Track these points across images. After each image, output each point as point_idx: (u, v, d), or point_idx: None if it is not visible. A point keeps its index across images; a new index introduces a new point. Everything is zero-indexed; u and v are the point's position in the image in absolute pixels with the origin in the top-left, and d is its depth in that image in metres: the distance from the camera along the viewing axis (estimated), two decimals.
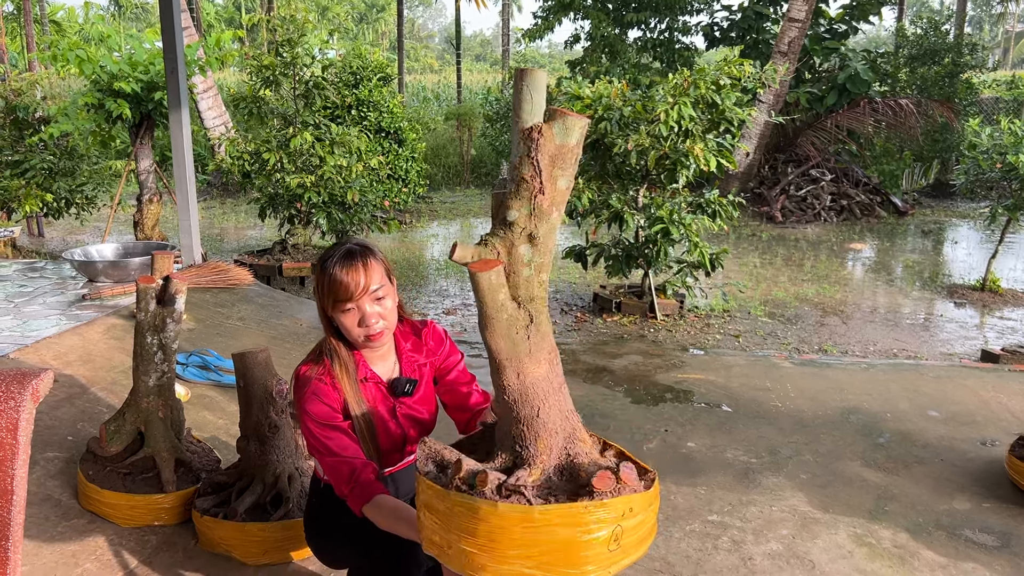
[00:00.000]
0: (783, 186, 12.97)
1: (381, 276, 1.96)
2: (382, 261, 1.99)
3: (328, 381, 1.98)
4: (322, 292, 1.95)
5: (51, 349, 3.73)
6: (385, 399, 2.07)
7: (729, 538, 2.92)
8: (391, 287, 2.00)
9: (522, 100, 1.37)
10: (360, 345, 2.01)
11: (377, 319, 1.94)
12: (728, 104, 5.99)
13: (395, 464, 2.14)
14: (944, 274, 8.75)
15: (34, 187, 8.17)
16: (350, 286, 1.90)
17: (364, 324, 1.94)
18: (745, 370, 4.89)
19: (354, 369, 2.02)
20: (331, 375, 1.99)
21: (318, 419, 1.95)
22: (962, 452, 3.66)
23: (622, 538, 1.38)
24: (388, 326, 1.98)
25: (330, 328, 2.00)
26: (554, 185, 1.35)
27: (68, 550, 2.63)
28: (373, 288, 1.93)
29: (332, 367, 2.00)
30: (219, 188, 14.99)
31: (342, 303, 1.92)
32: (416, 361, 2.14)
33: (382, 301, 1.95)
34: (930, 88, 15.09)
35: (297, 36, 7.40)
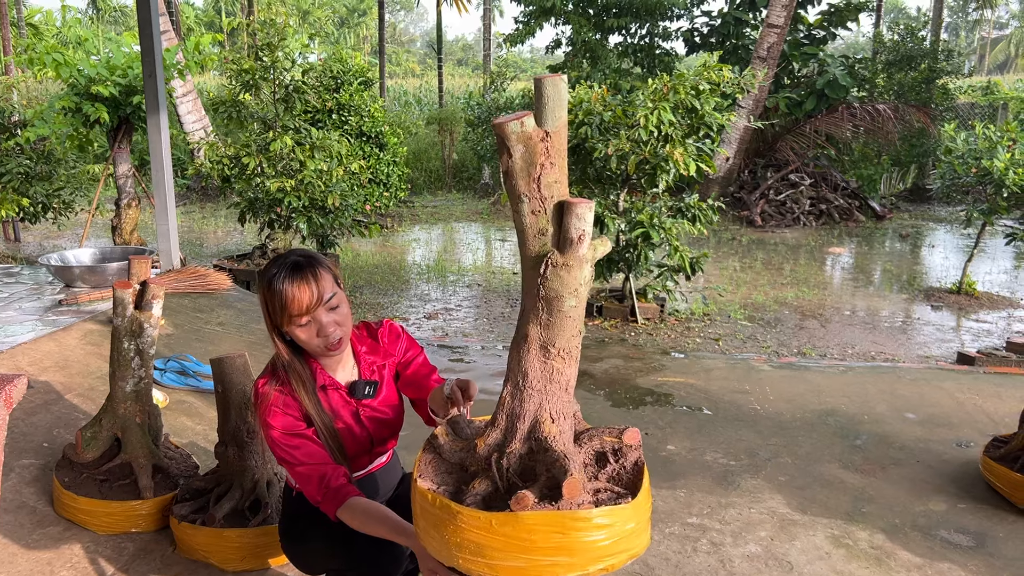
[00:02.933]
0: (763, 190, 13.07)
1: (331, 284, 1.93)
2: (329, 268, 1.96)
3: (288, 391, 1.97)
4: (272, 309, 1.90)
5: (27, 355, 3.69)
6: (347, 403, 2.06)
7: (708, 540, 2.93)
8: (342, 293, 1.97)
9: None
10: (318, 355, 1.99)
11: (334, 328, 1.92)
12: (707, 109, 6.03)
13: (364, 468, 2.14)
14: (921, 277, 8.85)
15: (10, 191, 8.08)
16: (303, 300, 1.86)
17: (323, 335, 1.91)
18: (725, 373, 4.92)
19: (311, 379, 2.00)
20: (289, 387, 1.97)
21: (282, 430, 1.94)
22: (938, 454, 3.70)
23: None
24: (345, 333, 1.97)
25: (282, 341, 1.97)
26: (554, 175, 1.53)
27: (43, 558, 2.60)
28: (327, 298, 1.90)
29: (289, 380, 1.98)
30: (198, 192, 14.90)
31: (297, 317, 1.88)
32: (374, 363, 2.13)
33: (337, 309, 1.93)
34: (907, 93, 15.27)
35: (277, 40, 7.37)
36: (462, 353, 5.48)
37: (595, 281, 6.64)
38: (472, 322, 6.80)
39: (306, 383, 1.99)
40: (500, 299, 7.65)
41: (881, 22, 18.99)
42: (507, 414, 1.52)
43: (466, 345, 5.82)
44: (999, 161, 6.92)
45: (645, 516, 1.51)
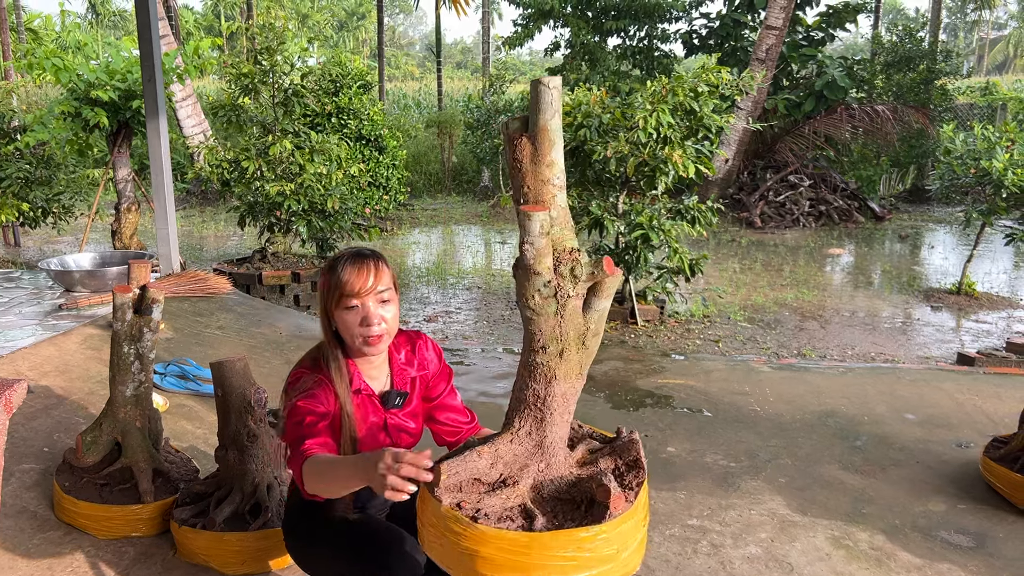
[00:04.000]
0: (762, 192, 13.08)
1: (389, 281, 1.97)
2: (391, 270, 2.00)
3: (326, 384, 1.97)
4: (328, 289, 1.94)
5: (27, 360, 3.69)
6: (376, 410, 2.07)
7: (708, 542, 2.94)
8: (396, 297, 2.00)
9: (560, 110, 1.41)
10: (356, 350, 2.00)
11: (380, 321, 1.93)
12: (706, 111, 6.04)
13: None
14: (921, 278, 8.85)
15: (10, 196, 8.08)
16: (356, 283, 1.91)
17: (366, 324, 1.93)
18: (724, 375, 4.92)
19: (348, 378, 2.01)
20: (328, 380, 1.98)
21: (305, 409, 1.92)
22: (938, 454, 3.70)
23: None
24: (388, 332, 1.97)
25: (329, 331, 1.99)
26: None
27: (43, 563, 2.60)
28: (380, 289, 1.93)
29: (329, 372, 1.98)
30: (198, 196, 14.91)
31: (348, 298, 1.91)
32: (408, 374, 2.14)
33: (386, 305, 1.96)
34: (906, 94, 15.28)
35: (276, 44, 7.38)
36: (462, 356, 5.49)
37: None
38: (472, 325, 6.81)
39: (344, 379, 1.99)
40: (500, 302, 7.65)
41: (879, 23, 19.02)
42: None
43: (466, 348, 5.83)
44: (998, 162, 6.93)
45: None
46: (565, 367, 1.48)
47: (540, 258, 1.43)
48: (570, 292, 1.44)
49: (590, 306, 1.49)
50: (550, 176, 1.40)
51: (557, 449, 1.53)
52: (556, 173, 1.41)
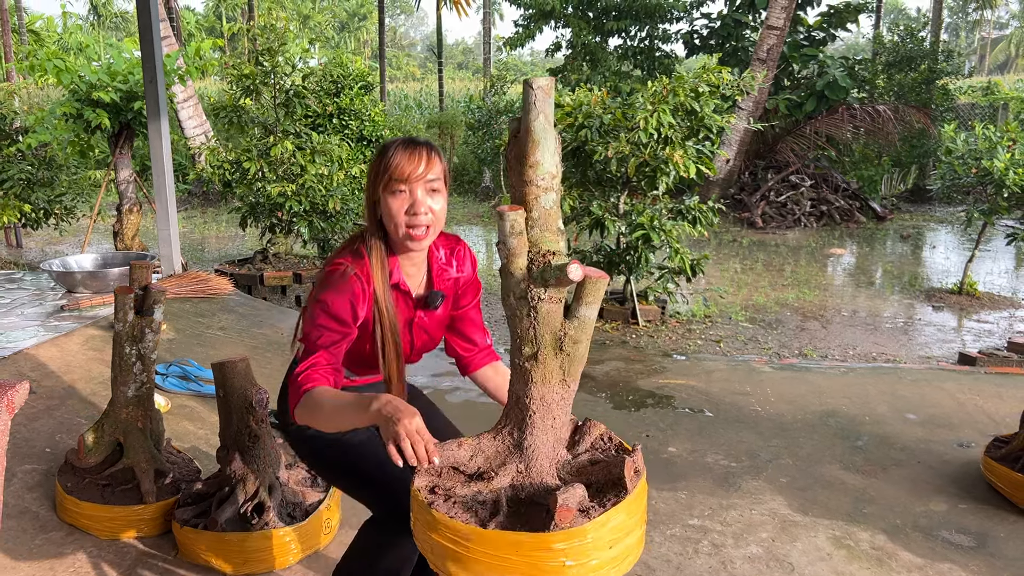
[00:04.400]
0: (763, 192, 13.08)
1: (440, 172, 1.89)
2: (444, 163, 1.92)
3: (363, 278, 1.90)
4: (376, 174, 1.88)
5: (29, 360, 3.70)
6: (406, 309, 2.02)
7: (709, 542, 2.94)
8: (445, 191, 1.92)
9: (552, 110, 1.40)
10: (399, 244, 1.93)
11: (427, 212, 1.86)
12: (707, 111, 6.04)
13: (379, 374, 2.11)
14: (922, 278, 8.85)
15: (12, 197, 8.09)
16: (407, 168, 1.84)
17: (412, 212, 1.86)
18: (726, 375, 4.92)
19: (386, 271, 1.94)
20: (367, 273, 1.91)
21: (331, 310, 1.86)
22: (939, 454, 3.70)
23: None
24: (433, 227, 1.90)
25: (373, 219, 1.93)
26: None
27: (46, 564, 2.61)
28: (431, 178, 1.86)
29: (370, 261, 1.92)
30: (200, 197, 14.92)
31: (397, 183, 1.84)
32: (447, 275, 2.08)
33: (435, 195, 1.88)
34: (907, 94, 15.28)
35: (277, 45, 7.39)
36: None
37: None
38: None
39: (384, 268, 1.93)
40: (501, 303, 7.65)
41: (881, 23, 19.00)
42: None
43: None
44: (999, 161, 6.93)
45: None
46: (542, 371, 1.47)
47: (512, 259, 1.44)
48: (540, 295, 1.44)
49: (571, 312, 1.46)
50: (533, 177, 1.40)
51: (540, 454, 1.52)
52: (540, 174, 1.40)
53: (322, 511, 2.78)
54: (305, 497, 2.82)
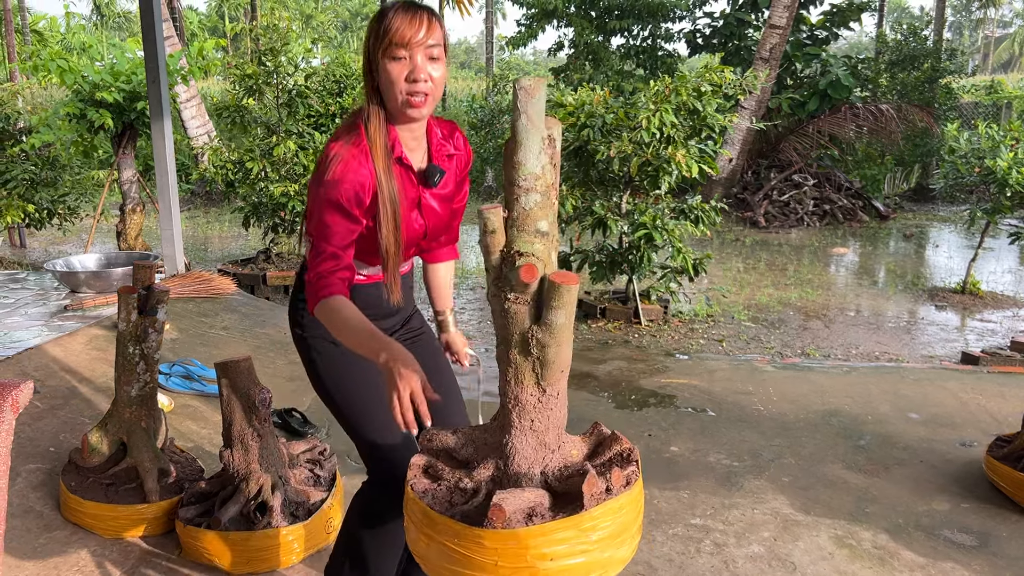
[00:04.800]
0: (766, 191, 13.07)
1: (440, 37, 1.84)
2: (444, 29, 1.88)
3: (363, 150, 1.86)
4: (375, 38, 1.81)
5: (33, 360, 3.71)
6: (412, 186, 1.98)
7: (711, 541, 2.94)
8: (445, 59, 1.88)
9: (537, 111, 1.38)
10: (398, 113, 1.88)
11: (426, 79, 1.82)
12: (709, 111, 6.04)
13: (408, 259, 2.11)
14: (925, 277, 8.84)
15: (16, 197, 8.12)
16: (407, 32, 1.78)
17: (411, 79, 1.81)
18: (728, 374, 4.92)
19: (387, 144, 1.89)
20: (365, 149, 1.87)
21: (335, 200, 1.82)
22: (941, 453, 3.70)
23: None
24: (433, 96, 1.86)
25: (371, 86, 1.88)
26: (558, 190, 1.41)
27: (50, 563, 2.62)
28: (431, 43, 1.81)
29: (367, 133, 1.87)
30: (203, 197, 14.95)
31: (396, 48, 1.79)
32: (446, 150, 2.05)
33: (435, 63, 1.84)
34: (910, 93, 15.27)
35: (280, 45, 7.40)
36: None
37: (598, 283, 6.65)
38: (476, 325, 6.82)
39: (383, 138, 1.88)
40: None
41: (884, 22, 18.99)
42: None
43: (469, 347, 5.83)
44: (1002, 160, 6.92)
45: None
46: (514, 371, 1.47)
47: (487, 256, 1.45)
48: (507, 295, 1.44)
49: (540, 317, 1.43)
50: (514, 177, 1.40)
51: (518, 453, 1.51)
52: (521, 174, 1.39)
53: (325, 510, 2.78)
54: (308, 496, 2.83)
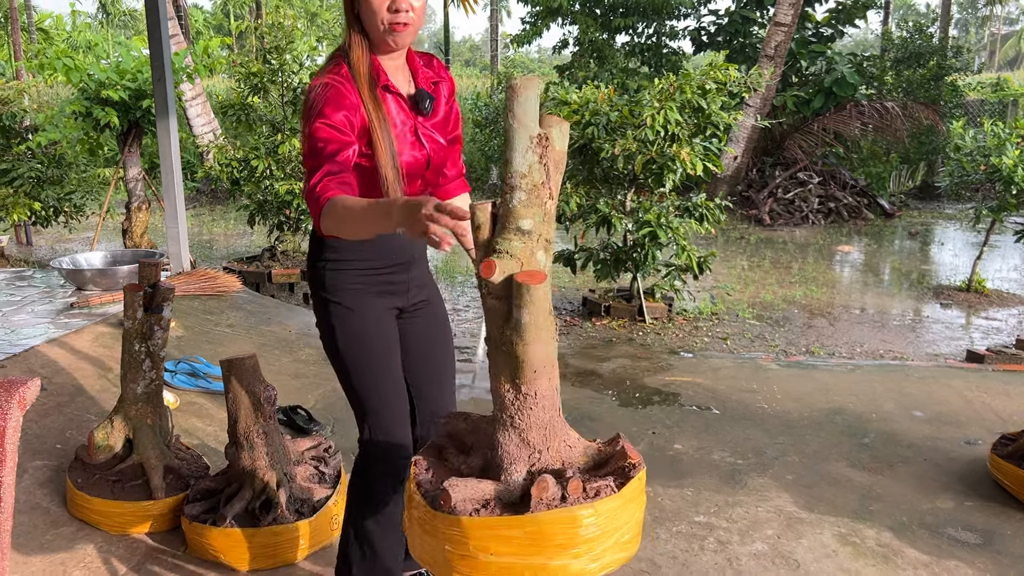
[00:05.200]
0: (771, 189, 13.05)
1: None
2: None
3: (346, 81, 1.88)
4: None
5: (39, 358, 3.73)
6: (406, 114, 1.99)
7: (715, 539, 2.94)
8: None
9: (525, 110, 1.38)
10: (379, 42, 1.92)
11: (408, 8, 1.86)
12: (714, 108, 6.04)
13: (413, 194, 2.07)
14: (930, 275, 8.83)
15: (22, 195, 8.15)
16: None
17: (394, 8, 1.85)
18: (732, 372, 4.92)
19: (371, 72, 1.91)
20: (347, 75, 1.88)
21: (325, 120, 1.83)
22: (946, 451, 3.70)
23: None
24: (414, 25, 1.90)
25: (351, 13, 1.91)
26: (557, 189, 1.39)
27: (56, 559, 2.64)
28: None
29: (349, 61, 1.90)
30: (208, 195, 14.98)
31: None
32: (429, 75, 2.06)
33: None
34: (916, 91, 15.22)
35: (285, 43, 7.41)
36: (470, 353, 5.50)
37: (603, 281, 6.66)
38: (480, 323, 6.83)
39: (367, 73, 1.90)
40: None
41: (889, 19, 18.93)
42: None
43: (474, 345, 5.84)
44: (1008, 158, 6.90)
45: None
46: (495, 367, 1.48)
47: (473, 252, 1.48)
48: (482, 290, 1.45)
49: (509, 314, 1.42)
50: (503, 174, 1.42)
51: (503, 448, 1.50)
52: (509, 172, 1.40)
53: (330, 506, 2.80)
54: (313, 493, 2.84)
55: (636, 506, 1.46)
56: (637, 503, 1.47)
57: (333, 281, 2.07)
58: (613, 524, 1.43)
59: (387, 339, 2.15)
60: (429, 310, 2.29)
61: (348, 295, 2.07)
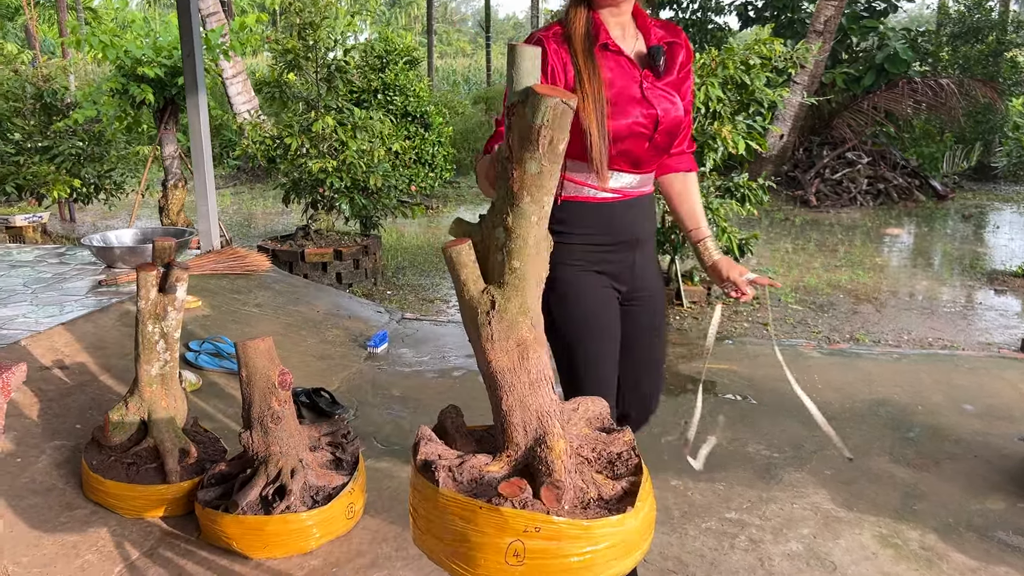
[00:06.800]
0: (818, 169, 12.68)
1: None
2: None
3: (555, 39, 1.79)
4: None
5: (64, 336, 3.71)
6: (628, 71, 1.86)
7: (747, 537, 2.80)
8: None
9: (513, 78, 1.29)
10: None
11: None
12: (758, 84, 5.80)
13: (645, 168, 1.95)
14: (984, 260, 8.47)
15: (63, 172, 8.23)
16: None
17: None
18: (771, 360, 4.74)
19: (589, 30, 1.81)
20: (556, 32, 1.80)
21: None
22: (997, 448, 3.50)
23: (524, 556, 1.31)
24: None
25: None
26: (523, 168, 1.26)
27: (69, 541, 2.60)
28: None
29: (567, 18, 1.81)
30: (248, 173, 15.04)
31: None
32: (660, 34, 1.93)
33: None
34: (973, 67, 14.64)
35: (319, 19, 7.31)
36: None
37: None
38: None
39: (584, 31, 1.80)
40: None
41: None
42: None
43: None
44: None
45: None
46: None
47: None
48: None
49: None
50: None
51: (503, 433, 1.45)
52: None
53: (346, 494, 2.71)
54: (330, 480, 2.76)
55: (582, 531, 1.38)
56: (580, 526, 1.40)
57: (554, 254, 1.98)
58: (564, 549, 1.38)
59: (604, 320, 2.05)
60: (651, 302, 2.19)
61: (567, 270, 1.98)
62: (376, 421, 3.78)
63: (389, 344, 4.84)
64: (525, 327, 1.36)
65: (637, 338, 2.18)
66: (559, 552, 1.31)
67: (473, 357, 4.07)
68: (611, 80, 1.82)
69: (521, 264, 1.33)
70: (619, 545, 1.34)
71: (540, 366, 1.38)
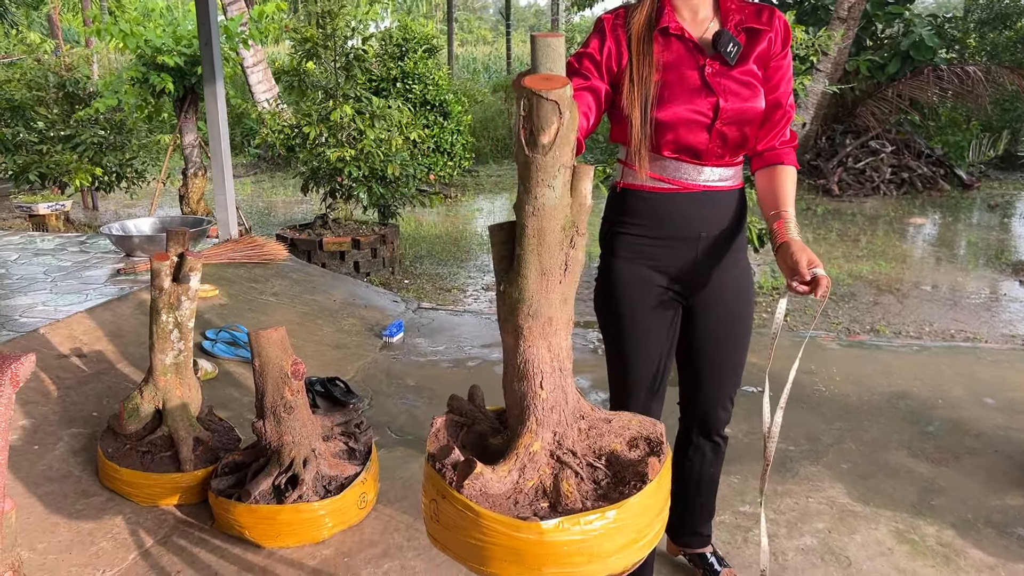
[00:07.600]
0: (841, 158, 12.52)
1: None
2: None
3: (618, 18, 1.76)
4: None
5: (82, 324, 3.74)
6: (689, 57, 1.78)
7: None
8: None
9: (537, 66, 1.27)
10: None
11: None
12: None
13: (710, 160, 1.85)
14: (1010, 251, 8.33)
15: (85, 161, 8.29)
16: None
17: None
18: (789, 351, 4.66)
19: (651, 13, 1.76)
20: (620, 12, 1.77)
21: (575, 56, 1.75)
22: (1019, 443, 3.44)
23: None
24: None
25: None
26: (518, 158, 1.29)
27: (84, 528, 2.63)
28: None
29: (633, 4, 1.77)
30: (268, 162, 15.10)
31: None
32: (740, 19, 1.81)
33: None
34: (1001, 54, 14.38)
35: (337, 8, 7.30)
36: None
37: None
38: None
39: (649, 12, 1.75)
40: None
41: None
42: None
43: None
44: None
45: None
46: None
47: None
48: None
49: None
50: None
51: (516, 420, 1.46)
52: None
53: (357, 485, 2.72)
54: (342, 470, 2.77)
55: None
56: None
57: (607, 240, 1.96)
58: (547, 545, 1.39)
59: (648, 320, 1.96)
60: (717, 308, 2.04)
61: (616, 262, 1.94)
62: (390, 411, 3.78)
63: (405, 334, 4.85)
64: (521, 315, 1.35)
65: (697, 348, 2.05)
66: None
67: (488, 347, 4.06)
68: (666, 65, 1.74)
69: (521, 252, 1.33)
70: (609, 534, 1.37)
71: (531, 357, 1.36)
